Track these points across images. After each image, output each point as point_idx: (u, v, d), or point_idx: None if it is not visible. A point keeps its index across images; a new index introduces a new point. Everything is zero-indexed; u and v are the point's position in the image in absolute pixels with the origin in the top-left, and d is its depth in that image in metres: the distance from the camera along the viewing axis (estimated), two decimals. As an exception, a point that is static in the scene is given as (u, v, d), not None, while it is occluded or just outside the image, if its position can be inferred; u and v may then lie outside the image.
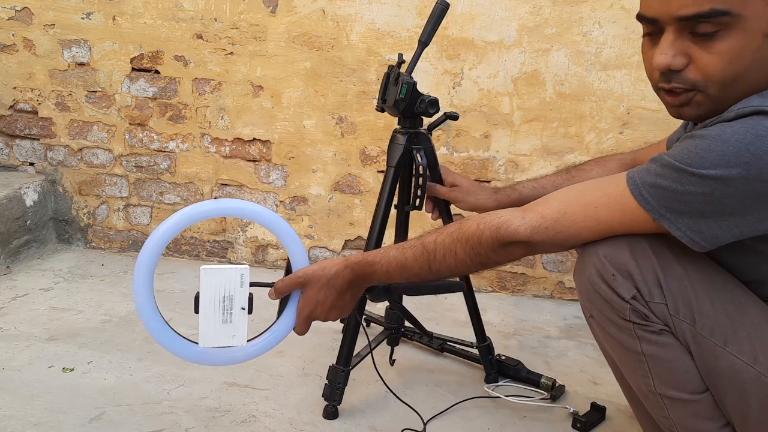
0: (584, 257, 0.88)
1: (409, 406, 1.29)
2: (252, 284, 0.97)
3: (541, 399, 1.40)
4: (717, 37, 0.76)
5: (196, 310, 0.94)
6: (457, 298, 1.81)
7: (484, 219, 0.90)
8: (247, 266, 0.95)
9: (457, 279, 1.00)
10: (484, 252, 0.89)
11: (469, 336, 1.50)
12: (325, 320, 1.01)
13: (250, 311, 0.96)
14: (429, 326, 1.56)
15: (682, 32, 0.79)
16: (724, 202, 0.75)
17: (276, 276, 1.18)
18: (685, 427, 0.86)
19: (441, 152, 1.97)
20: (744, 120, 0.74)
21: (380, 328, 1.54)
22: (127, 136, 2.16)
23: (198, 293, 0.94)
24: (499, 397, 1.39)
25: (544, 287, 2.04)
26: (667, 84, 0.82)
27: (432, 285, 1.02)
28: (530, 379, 1.45)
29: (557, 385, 1.43)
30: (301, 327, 1.01)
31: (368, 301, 1.04)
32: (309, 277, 0.98)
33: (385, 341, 1.48)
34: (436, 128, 1.40)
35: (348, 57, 1.97)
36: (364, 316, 1.60)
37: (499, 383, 1.46)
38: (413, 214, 1.37)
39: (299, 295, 1.00)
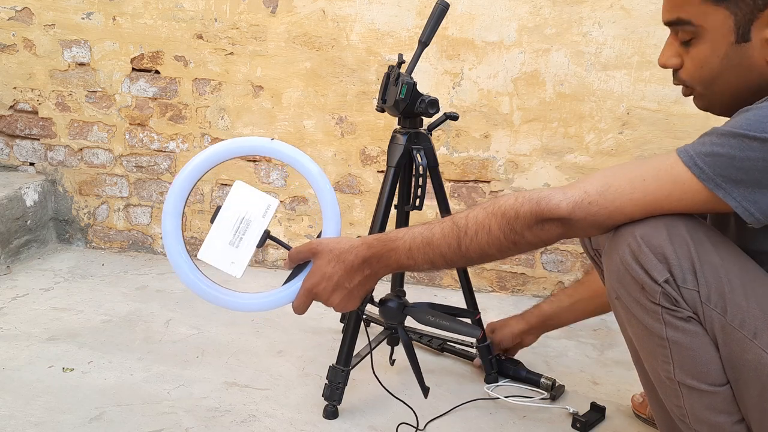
0: (618, 237, 0.85)
1: (407, 405, 1.29)
2: (274, 239, 0.95)
3: (541, 399, 1.40)
4: (692, 44, 0.87)
5: (212, 221, 0.93)
6: (457, 298, 1.81)
7: (523, 193, 0.86)
8: (278, 202, 0.93)
9: (477, 325, 0.95)
10: (519, 228, 0.85)
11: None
12: (326, 302, 0.93)
13: (260, 245, 0.93)
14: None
15: (675, 36, 0.89)
16: None
17: (276, 275, 1.18)
18: (698, 418, 0.85)
19: (441, 152, 1.97)
20: None
21: (380, 328, 1.54)
22: (127, 136, 2.16)
23: (221, 205, 0.94)
24: (498, 397, 1.39)
25: (544, 287, 2.04)
26: (673, 80, 0.93)
27: (449, 322, 0.97)
28: (530, 379, 1.45)
29: (557, 385, 1.43)
30: (300, 300, 0.94)
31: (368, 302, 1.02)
32: (322, 246, 0.92)
33: (385, 341, 1.48)
34: (436, 128, 1.40)
35: (348, 57, 1.97)
36: (364, 316, 1.60)
37: (499, 383, 1.46)
38: (413, 214, 1.37)
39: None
